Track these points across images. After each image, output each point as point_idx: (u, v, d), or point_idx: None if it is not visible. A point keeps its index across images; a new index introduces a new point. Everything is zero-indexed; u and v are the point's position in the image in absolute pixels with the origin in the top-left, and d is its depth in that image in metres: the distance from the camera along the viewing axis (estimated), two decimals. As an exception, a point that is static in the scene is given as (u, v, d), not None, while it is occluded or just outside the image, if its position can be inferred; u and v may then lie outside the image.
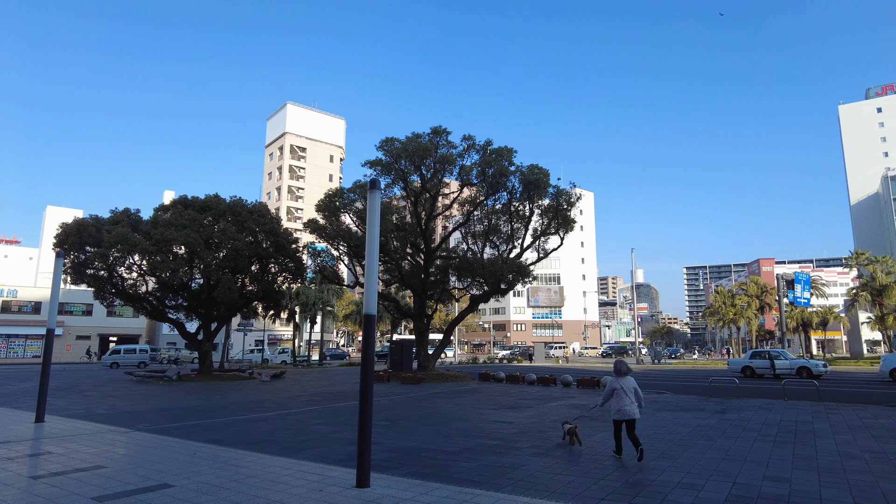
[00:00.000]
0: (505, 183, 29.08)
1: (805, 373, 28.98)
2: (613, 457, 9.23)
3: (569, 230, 30.61)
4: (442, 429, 12.56)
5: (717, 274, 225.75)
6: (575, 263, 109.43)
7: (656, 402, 17.97)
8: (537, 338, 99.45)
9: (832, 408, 15.77)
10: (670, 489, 7.10)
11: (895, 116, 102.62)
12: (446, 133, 28.34)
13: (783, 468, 8.26)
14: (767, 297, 66.08)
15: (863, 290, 58.33)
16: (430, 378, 27.39)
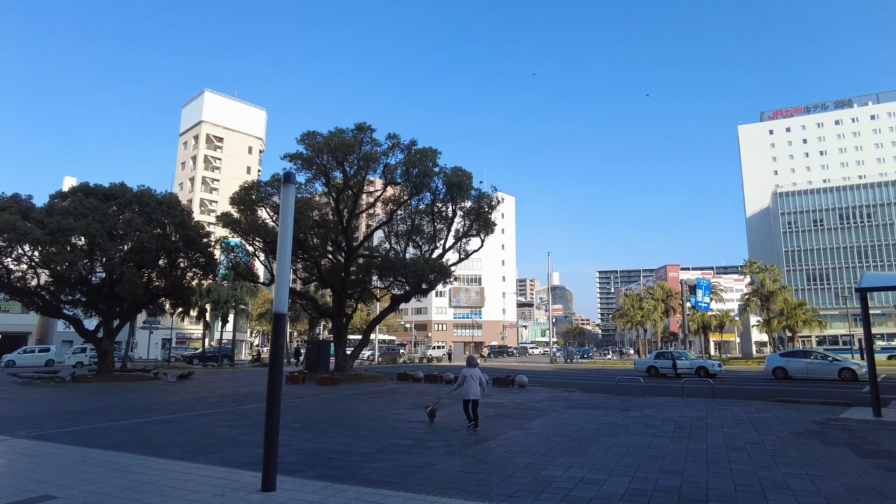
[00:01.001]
0: (429, 183, 29.15)
1: (703, 372, 31.11)
2: (467, 427, 12.18)
3: (490, 232, 31.15)
4: (356, 430, 12.38)
5: (627, 278, 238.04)
6: (495, 265, 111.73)
7: (567, 399, 18.65)
8: (458, 337, 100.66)
9: (724, 404, 16.98)
10: (574, 485, 7.36)
11: (783, 139, 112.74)
12: (371, 130, 28.04)
13: (677, 461, 8.79)
14: (672, 301, 70.46)
15: (753, 296, 63.52)
16: (347, 379, 26.97)
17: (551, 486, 7.33)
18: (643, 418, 13.92)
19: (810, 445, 10.12)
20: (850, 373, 26.86)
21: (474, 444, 10.49)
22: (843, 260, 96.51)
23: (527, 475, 7.93)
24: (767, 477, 7.73)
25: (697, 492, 6.97)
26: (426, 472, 8.14)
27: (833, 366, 27.92)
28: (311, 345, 33.63)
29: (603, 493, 6.96)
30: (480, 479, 7.72)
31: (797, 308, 60.79)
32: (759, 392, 21.66)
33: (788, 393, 20.82)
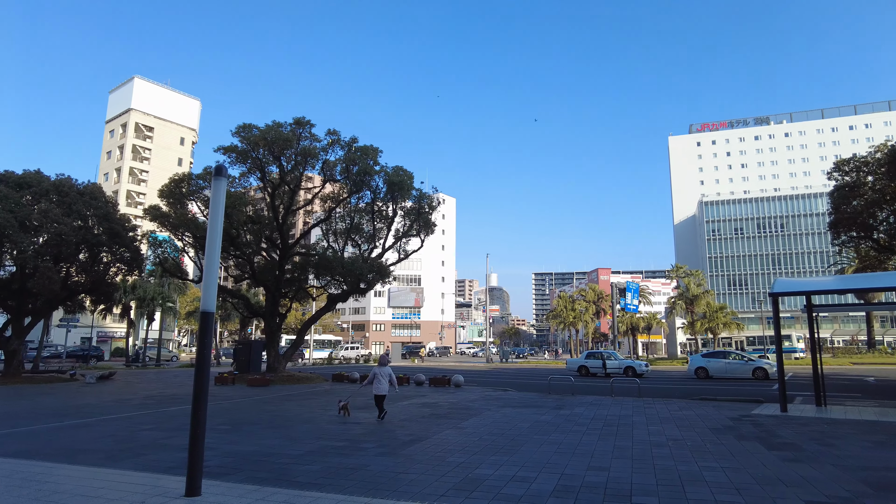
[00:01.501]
0: (369, 182, 28.92)
1: (630, 372, 32.42)
2: (377, 420, 13.42)
3: (430, 233, 31.23)
4: (287, 432, 12.12)
5: (561, 280, 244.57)
6: (435, 266, 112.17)
7: (501, 399, 18.96)
8: (396, 338, 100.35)
9: (649, 402, 17.76)
10: (505, 483, 7.50)
11: (709, 151, 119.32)
12: (310, 125, 27.52)
13: (604, 458, 9.12)
14: (603, 303, 72.96)
15: (679, 300, 66.78)
16: (279, 380, 26.33)
17: (483, 484, 7.43)
18: (573, 417, 14.35)
19: (725, 440, 10.75)
20: (763, 372, 28.72)
21: (408, 444, 10.49)
22: (759, 267, 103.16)
23: (459, 474, 8.01)
24: (686, 471, 8.15)
25: (622, 487, 7.26)
26: (359, 473, 8.08)
27: (748, 365, 29.77)
28: (242, 345, 32.61)
29: (533, 490, 7.13)
30: (413, 478, 7.73)
31: (718, 311, 64.42)
32: (682, 391, 22.79)
33: (708, 391, 21.99)
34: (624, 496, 6.80)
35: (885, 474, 7.90)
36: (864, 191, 30.05)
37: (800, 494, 6.82)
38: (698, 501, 6.54)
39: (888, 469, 8.24)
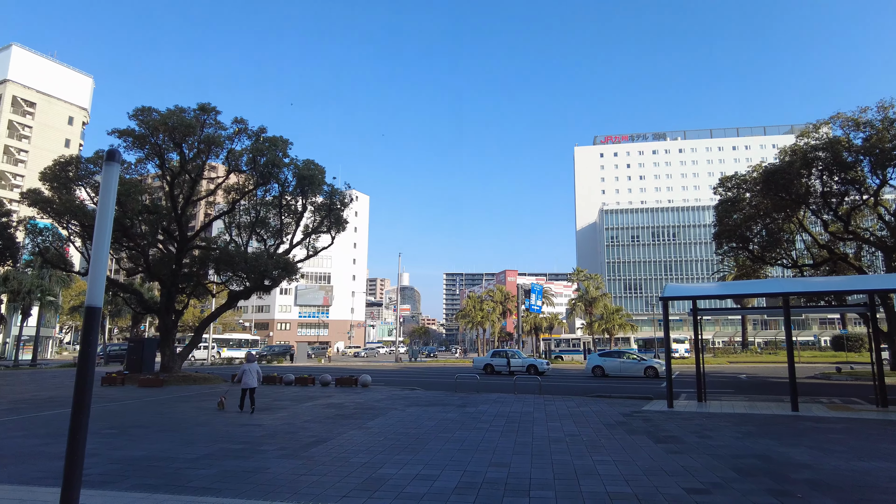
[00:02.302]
0: (277, 174, 27.92)
1: (533, 370, 33.65)
2: (237, 410, 15.02)
3: (341, 230, 30.67)
4: (181, 435, 11.45)
5: (471, 281, 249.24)
6: (346, 264, 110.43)
7: (408, 398, 19.01)
8: (302, 337, 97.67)
9: (549, 399, 18.51)
10: (409, 481, 7.54)
11: (611, 162, 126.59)
12: (215, 112, 26.14)
13: (505, 454, 9.40)
14: (510, 303, 75.23)
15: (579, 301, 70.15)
16: (174, 380, 24.81)
17: (386, 483, 7.42)
18: (478, 414, 14.67)
19: (618, 435, 11.43)
20: (653, 370, 30.83)
21: (311, 445, 10.26)
22: (653, 272, 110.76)
23: (363, 474, 7.95)
24: (581, 465, 8.58)
25: (521, 482, 7.52)
26: (258, 476, 7.80)
27: (640, 364, 31.84)
28: (134, 343, 30.42)
29: (435, 488, 7.22)
30: (315, 480, 7.57)
31: (615, 313, 68.36)
32: (581, 388, 23.96)
33: (604, 389, 23.30)
34: (523, 491, 7.05)
35: (751, 461, 8.74)
36: (743, 206, 33.07)
37: (679, 482, 7.40)
38: (591, 493, 6.91)
39: (753, 456, 9.12)
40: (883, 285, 20.12)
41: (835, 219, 31.16)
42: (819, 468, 8.27)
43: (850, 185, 29.57)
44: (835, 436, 11.29)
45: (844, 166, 28.37)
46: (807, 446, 10.06)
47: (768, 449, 9.80)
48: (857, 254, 33.76)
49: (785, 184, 29.10)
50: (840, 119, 30.25)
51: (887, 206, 31.25)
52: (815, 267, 33.94)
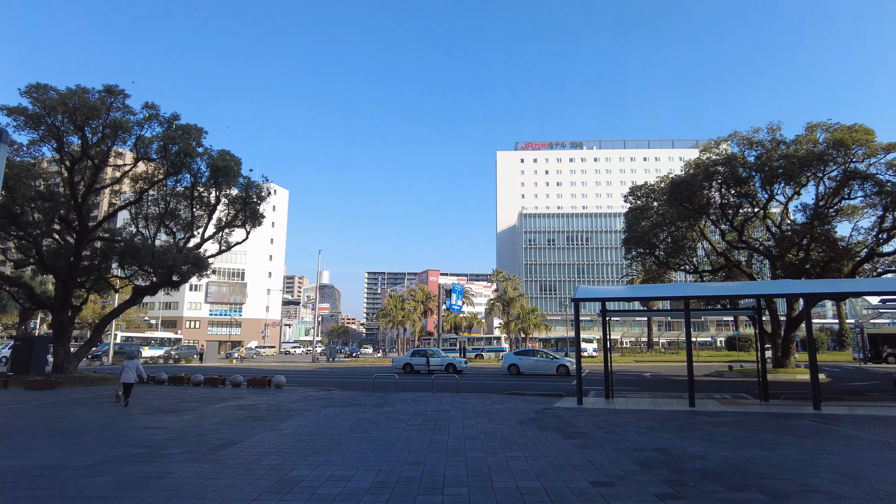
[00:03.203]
0: (190, 164, 26.54)
1: (451, 369, 34.06)
2: (115, 403, 16.37)
3: (257, 224, 29.58)
4: (75, 440, 10.64)
5: (393, 280, 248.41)
6: (262, 260, 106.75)
7: (324, 398, 18.67)
8: (213, 336, 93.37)
9: (466, 397, 18.81)
10: (322, 482, 7.42)
11: (531, 167, 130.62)
12: (124, 95, 24.46)
13: (421, 453, 9.46)
14: (431, 303, 75.74)
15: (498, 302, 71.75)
16: (68, 382, 22.97)
17: (299, 485, 7.27)
18: (395, 413, 14.66)
19: (530, 432, 11.80)
20: (565, 368, 32.08)
21: (220, 448, 9.85)
22: (567, 274, 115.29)
23: (274, 476, 7.73)
24: (494, 461, 8.79)
25: (435, 480, 7.60)
26: (161, 482, 7.39)
27: (553, 363, 33.03)
28: (20, 341, 27.85)
29: (349, 488, 7.15)
30: (224, 484, 7.29)
31: (531, 313, 70.55)
32: (496, 386, 24.51)
33: (519, 387, 23.96)
34: (437, 489, 7.13)
35: (651, 454, 9.32)
36: (651, 214, 35.15)
37: (586, 476, 7.76)
38: (503, 489, 7.11)
39: (653, 449, 9.73)
40: (768, 291, 22.07)
41: (731, 229, 33.81)
42: (710, 458, 8.95)
43: (744, 199, 32.19)
44: (724, 428, 12.24)
45: (740, 181, 30.85)
46: (700, 439, 10.86)
47: (667, 442, 10.48)
48: (749, 261, 36.80)
49: (689, 195, 31.24)
50: (737, 137, 32.89)
51: (774, 219, 34.28)
52: (713, 273, 36.67)
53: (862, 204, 31.38)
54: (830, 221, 31.68)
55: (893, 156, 29.35)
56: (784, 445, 10.14)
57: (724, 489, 7.03)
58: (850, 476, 7.74)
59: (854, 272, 30.49)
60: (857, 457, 9.18)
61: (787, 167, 29.42)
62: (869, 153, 29.56)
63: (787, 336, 32.60)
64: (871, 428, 12.45)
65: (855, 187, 30.07)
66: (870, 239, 31.21)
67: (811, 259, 30.86)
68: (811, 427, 12.50)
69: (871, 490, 7.02)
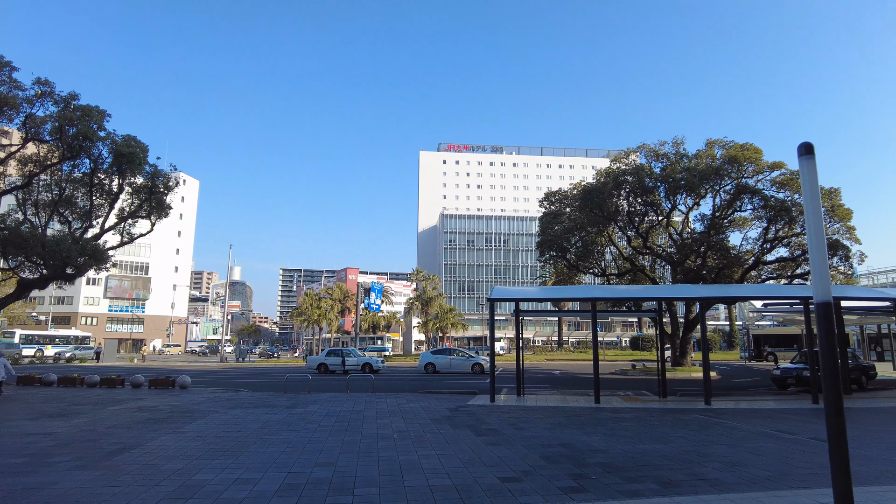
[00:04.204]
0: (90, 148, 24.67)
1: (367, 368, 33.78)
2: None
3: (163, 216, 27.96)
4: (-59, 448, 9.57)
5: (310, 278, 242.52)
6: (168, 254, 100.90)
7: (232, 400, 17.94)
8: (112, 334, 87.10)
9: (381, 397, 18.73)
10: (227, 486, 7.13)
11: (453, 169, 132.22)
12: (11, 67, 22.33)
13: (332, 454, 9.32)
14: (349, 301, 74.56)
15: (417, 301, 72.01)
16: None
17: (202, 490, 6.95)
18: (307, 414, 14.34)
19: (443, 430, 11.94)
20: (480, 367, 32.71)
21: (115, 453, 9.22)
22: (485, 275, 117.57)
23: (175, 482, 7.35)
24: (407, 460, 8.82)
25: (346, 480, 7.52)
26: (44, 493, 6.81)
27: (469, 361, 33.58)
28: None
29: (256, 491, 6.92)
30: (118, 492, 6.83)
31: (449, 312, 71.27)
32: (412, 385, 24.57)
33: (435, 385, 24.16)
34: (347, 489, 7.06)
35: (558, 449, 9.72)
36: (564, 219, 36.61)
37: (495, 472, 7.97)
38: (414, 487, 7.15)
39: (560, 445, 10.15)
40: (669, 294, 23.60)
41: (637, 235, 35.86)
42: (611, 452, 9.45)
43: (649, 207, 34.25)
44: (626, 424, 12.98)
45: (646, 190, 32.78)
46: (603, 434, 11.44)
47: (573, 438, 10.96)
48: (652, 266, 39.23)
49: (599, 202, 32.82)
50: (645, 149, 34.95)
51: (676, 227, 36.72)
52: (620, 276, 38.72)
53: (751, 216, 34.34)
54: (725, 231, 34.41)
55: (777, 173, 32.37)
56: (678, 438, 10.90)
57: (623, 481, 7.45)
58: (732, 464, 8.45)
59: (743, 278, 33.28)
60: (739, 446, 10.04)
61: (689, 179, 31.64)
62: (757, 170, 32.41)
63: (685, 337, 35.04)
64: (752, 420, 13.65)
65: (745, 201, 32.85)
66: (756, 248, 34.22)
67: (707, 265, 33.34)
68: (702, 421, 13.51)
69: (748, 476, 7.70)
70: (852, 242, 31.43)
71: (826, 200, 30.91)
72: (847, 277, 34.58)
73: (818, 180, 7.06)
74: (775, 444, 10.37)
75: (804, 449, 9.85)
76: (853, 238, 31.41)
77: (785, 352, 43.69)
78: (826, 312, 6.75)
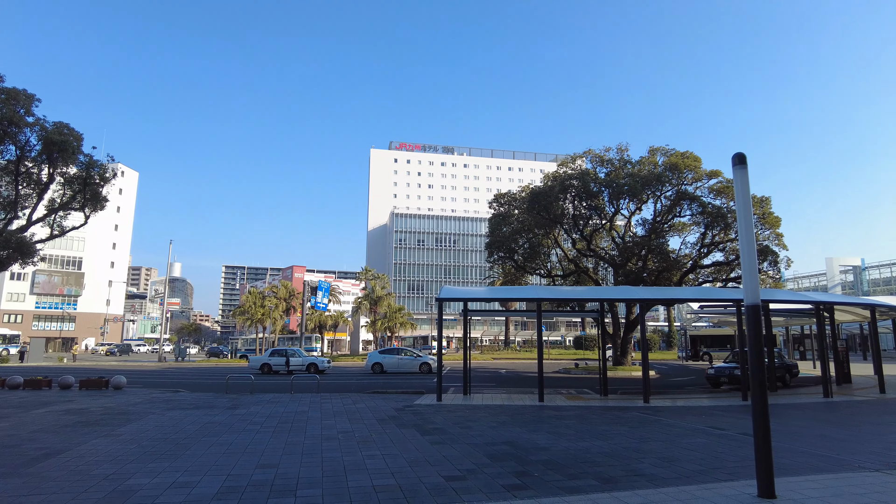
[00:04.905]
0: (16, 135, 23.26)
1: (313, 368, 33.25)
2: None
3: (99, 208, 26.67)
4: None
5: (254, 275, 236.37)
6: (104, 248, 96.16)
7: (170, 401, 17.31)
8: (40, 332, 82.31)
9: (327, 397, 18.47)
10: (163, 491, 6.88)
11: (404, 168, 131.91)
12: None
13: (274, 455, 9.14)
14: (294, 300, 72.99)
15: (365, 300, 71.41)
16: None
17: (135, 495, 6.67)
18: (248, 416, 14.00)
19: (389, 430, 11.90)
20: (428, 366, 32.76)
21: (40, 458, 8.73)
22: (434, 275, 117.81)
23: (106, 487, 7.03)
24: (351, 461, 8.75)
25: (288, 482, 7.39)
26: (-43, 501, 6.38)
27: (416, 361, 33.58)
28: None
29: (194, 495, 6.71)
30: (41, 500, 6.47)
31: (398, 312, 70.98)
32: (359, 385, 24.36)
33: (382, 385, 24.04)
34: (290, 491, 6.94)
35: (502, 447, 9.86)
36: (512, 221, 37.15)
37: (440, 471, 8.01)
38: (357, 488, 7.10)
39: (504, 443, 10.31)
40: (611, 296, 24.34)
41: (581, 238, 36.81)
42: (553, 450, 9.68)
43: (594, 211, 35.22)
44: (568, 421, 13.31)
45: (591, 195, 33.70)
46: (546, 431, 11.70)
47: (517, 436, 11.15)
48: (596, 268, 40.32)
49: (546, 205, 33.51)
50: (591, 155, 35.89)
51: (619, 231, 37.89)
52: (565, 277, 39.64)
53: (689, 222, 35.84)
54: (665, 235, 35.78)
55: (715, 181, 33.91)
56: (617, 435, 11.27)
57: (564, 478, 7.64)
58: (668, 459, 8.81)
59: (681, 281, 34.69)
60: (674, 442, 10.48)
61: (632, 185, 32.73)
62: (696, 178, 33.85)
63: (625, 337, 36.20)
64: (687, 417, 14.27)
65: (684, 207, 34.27)
66: (694, 253, 35.74)
67: (648, 268, 34.58)
68: (640, 418, 14.01)
69: (682, 470, 8.05)
70: (780, 248, 33.32)
71: (758, 208, 32.63)
72: (775, 281, 36.58)
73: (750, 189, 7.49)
74: (708, 439, 10.87)
75: (733, 444, 10.37)
76: (781, 244, 33.29)
77: (720, 352, 45.86)
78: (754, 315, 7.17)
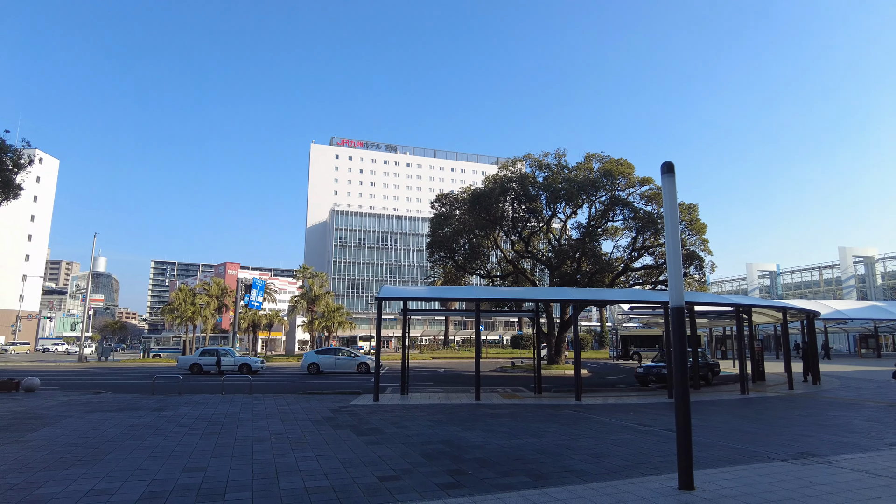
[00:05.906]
0: (-83, 117, 21.30)
1: (246, 369, 32.29)
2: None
3: (11, 197, 24.72)
4: None
5: (185, 272, 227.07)
6: (18, 240, 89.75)
7: (90, 403, 16.37)
8: (-61, 329, 75.72)
9: (259, 399, 17.98)
10: (78, 499, 6.50)
11: (346, 165, 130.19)
12: None
13: (203, 458, 8.82)
14: (227, 298, 70.60)
15: (302, 299, 70.03)
16: None
17: (49, 503, 6.29)
18: (176, 417, 13.45)
19: (323, 431, 11.73)
20: (366, 366, 32.49)
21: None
22: (375, 273, 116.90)
23: (12, 498, 6.57)
24: (283, 463, 8.56)
25: (217, 486, 7.16)
26: None
27: (354, 361, 33.22)
28: None
29: (113, 502, 6.39)
30: (-62, 511, 5.98)
31: (336, 311, 70.01)
32: (294, 386, 23.85)
33: (318, 386, 23.63)
34: (218, 495, 6.73)
35: (437, 446, 9.93)
36: (453, 221, 37.41)
37: (374, 472, 7.98)
38: (289, 490, 6.97)
39: (439, 441, 10.38)
40: (546, 296, 24.95)
41: (520, 239, 37.55)
42: (487, 448, 9.83)
43: (532, 214, 36.02)
44: (503, 419, 13.54)
45: (530, 198, 34.44)
46: (481, 430, 11.86)
47: (452, 434, 11.25)
48: (533, 269, 41.23)
49: (486, 206, 33.97)
50: (530, 159, 36.67)
51: (555, 234, 38.90)
52: (503, 278, 40.31)
53: (622, 226, 37.25)
54: (598, 239, 37.01)
55: (646, 188, 35.40)
56: (550, 433, 11.57)
57: (497, 475, 7.78)
58: (597, 455, 9.14)
59: (613, 283, 35.99)
60: (604, 439, 10.88)
61: (568, 189, 33.68)
62: (629, 184, 35.22)
63: (560, 336, 37.20)
64: (616, 414, 14.83)
65: (618, 212, 35.59)
66: (626, 256, 37.17)
67: (582, 270, 35.67)
68: (573, 416, 14.45)
69: (610, 465, 8.37)
70: (706, 253, 35.19)
71: (685, 215, 34.33)
72: (700, 285, 38.58)
73: (677, 196, 7.88)
74: (635, 435, 11.35)
75: (658, 439, 10.87)
76: (707, 250, 35.16)
77: (649, 351, 47.92)
78: (679, 316, 7.55)
